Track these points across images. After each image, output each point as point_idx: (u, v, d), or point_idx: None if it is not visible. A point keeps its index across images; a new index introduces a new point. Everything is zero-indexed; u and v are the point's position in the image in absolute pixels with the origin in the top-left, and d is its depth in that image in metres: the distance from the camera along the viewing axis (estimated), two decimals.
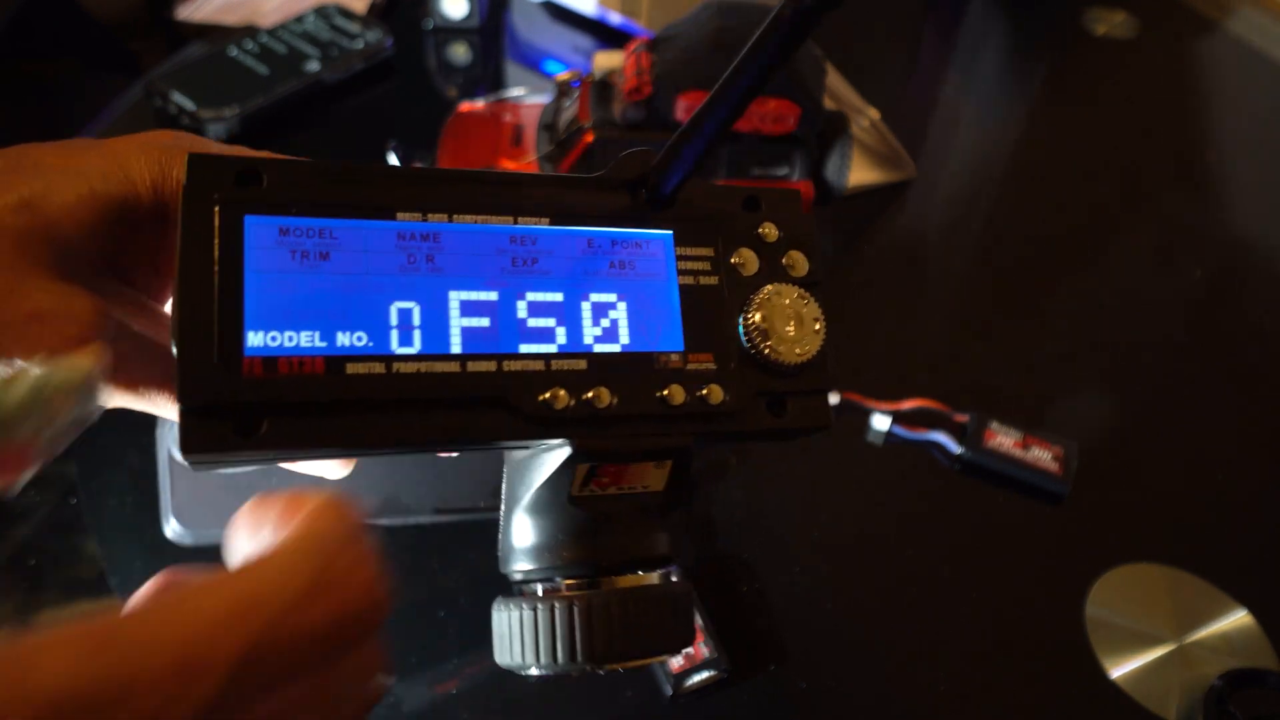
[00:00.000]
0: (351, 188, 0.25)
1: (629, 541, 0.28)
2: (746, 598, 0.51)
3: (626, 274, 0.27)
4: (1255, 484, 0.61)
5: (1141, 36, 0.99)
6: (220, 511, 0.49)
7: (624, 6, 0.87)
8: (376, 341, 0.24)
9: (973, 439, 0.57)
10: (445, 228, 0.25)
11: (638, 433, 0.26)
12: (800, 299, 0.28)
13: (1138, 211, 0.80)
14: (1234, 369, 0.68)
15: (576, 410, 0.25)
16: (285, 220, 0.24)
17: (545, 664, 0.26)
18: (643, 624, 0.26)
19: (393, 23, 0.85)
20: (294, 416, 0.23)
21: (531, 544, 0.27)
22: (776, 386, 0.28)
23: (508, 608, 0.27)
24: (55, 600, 0.49)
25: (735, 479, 0.57)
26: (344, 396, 0.23)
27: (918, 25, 1.02)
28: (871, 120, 0.80)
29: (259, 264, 0.23)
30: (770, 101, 0.54)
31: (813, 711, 0.48)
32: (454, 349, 0.25)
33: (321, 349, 0.23)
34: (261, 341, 0.23)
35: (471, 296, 0.25)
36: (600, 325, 0.26)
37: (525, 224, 0.26)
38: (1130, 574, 0.54)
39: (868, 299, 0.70)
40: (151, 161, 0.25)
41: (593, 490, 0.27)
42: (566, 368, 0.26)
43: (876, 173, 0.77)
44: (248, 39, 0.78)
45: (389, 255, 0.25)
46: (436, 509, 0.51)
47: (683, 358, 0.27)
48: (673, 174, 0.26)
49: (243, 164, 0.24)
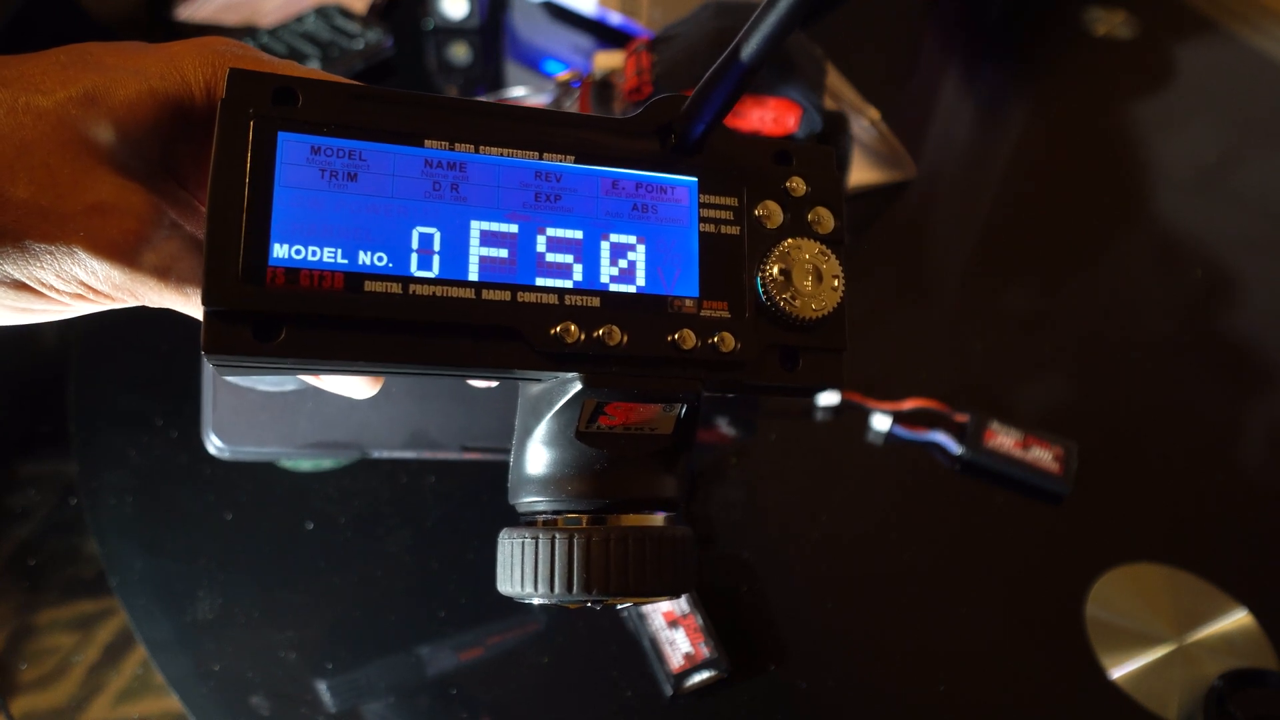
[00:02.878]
0: (384, 112, 0.25)
1: (634, 480, 0.28)
2: (746, 598, 0.51)
3: (648, 217, 0.27)
4: (1255, 484, 0.61)
5: (1141, 36, 0.99)
6: (258, 429, 0.51)
7: (624, 6, 0.87)
8: (396, 263, 0.25)
9: (973, 439, 0.57)
10: (471, 158, 0.26)
11: (646, 373, 0.27)
12: (821, 254, 0.28)
13: (1138, 211, 0.80)
14: (1234, 369, 0.68)
15: (587, 346, 0.26)
16: (317, 140, 0.25)
17: (544, 593, 0.27)
18: (642, 562, 0.27)
19: (393, 23, 0.85)
20: (311, 327, 0.24)
21: (539, 475, 0.28)
22: (790, 340, 0.28)
23: (513, 537, 0.28)
24: (55, 600, 0.49)
25: (735, 479, 0.57)
26: (360, 313, 0.24)
27: (918, 25, 1.02)
28: (871, 120, 0.80)
29: (289, 180, 0.24)
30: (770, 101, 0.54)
31: (813, 711, 0.48)
32: (471, 276, 0.25)
33: (343, 265, 0.24)
34: (286, 254, 0.24)
35: (492, 227, 0.26)
36: (618, 265, 0.27)
37: (550, 160, 0.27)
38: (1130, 574, 0.54)
39: (868, 299, 0.70)
40: (205, 65, 0.26)
41: (600, 427, 0.27)
42: (580, 304, 0.26)
43: (876, 173, 0.77)
44: (248, 39, 0.78)
45: (415, 181, 0.25)
46: (464, 446, 0.52)
47: (697, 304, 0.27)
48: (699, 119, 0.27)
49: (281, 82, 0.25)
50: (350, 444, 0.52)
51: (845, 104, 0.81)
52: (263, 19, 0.84)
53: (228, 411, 0.51)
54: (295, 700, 0.46)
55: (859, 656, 0.51)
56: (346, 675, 0.47)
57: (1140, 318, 0.71)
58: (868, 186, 0.76)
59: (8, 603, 0.48)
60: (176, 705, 0.45)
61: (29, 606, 0.48)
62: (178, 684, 0.46)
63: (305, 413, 0.52)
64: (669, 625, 0.48)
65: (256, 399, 0.51)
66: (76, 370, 0.57)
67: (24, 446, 0.55)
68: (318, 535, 0.51)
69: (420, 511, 0.53)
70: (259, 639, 0.48)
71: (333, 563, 0.51)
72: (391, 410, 0.52)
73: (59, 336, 0.60)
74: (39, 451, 0.55)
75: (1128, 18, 1.00)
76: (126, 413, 0.56)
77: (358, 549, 0.51)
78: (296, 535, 0.51)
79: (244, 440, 0.51)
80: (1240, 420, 0.65)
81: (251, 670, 0.47)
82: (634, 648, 0.48)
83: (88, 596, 0.49)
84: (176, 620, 0.48)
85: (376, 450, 0.52)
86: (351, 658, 0.48)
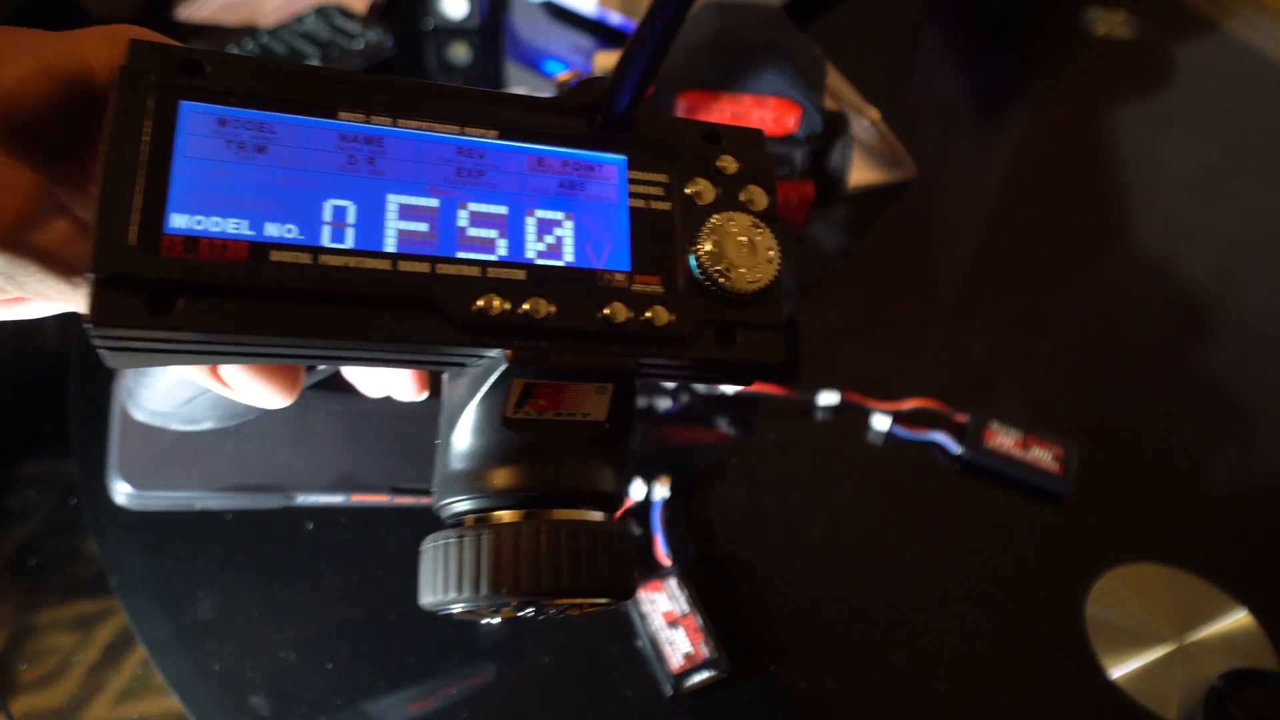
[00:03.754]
0: (296, 85, 0.25)
1: (567, 471, 0.26)
2: (746, 598, 0.51)
3: (575, 194, 0.27)
4: (1256, 484, 0.61)
5: (1141, 36, 0.99)
6: (170, 473, 0.48)
7: (624, 6, 0.87)
8: (307, 234, 0.24)
9: (973, 439, 0.57)
10: (389, 132, 0.25)
11: (577, 347, 0.25)
12: (754, 227, 0.27)
13: (1138, 211, 0.80)
14: (1234, 369, 0.68)
15: (511, 318, 0.24)
16: (224, 110, 0.24)
17: (467, 596, 0.25)
18: (576, 558, 0.25)
19: (393, 23, 0.85)
20: (211, 298, 0.22)
21: (463, 470, 0.26)
22: (726, 316, 0.27)
23: (435, 541, 0.26)
24: (55, 600, 0.49)
25: (735, 479, 0.57)
26: (265, 283, 0.23)
27: (918, 25, 1.02)
28: (871, 120, 0.80)
29: (191, 150, 0.23)
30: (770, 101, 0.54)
31: (813, 711, 0.48)
32: (387, 248, 0.24)
33: (248, 235, 0.23)
34: (185, 224, 0.23)
35: (411, 201, 0.25)
36: (544, 241, 0.26)
37: (473, 135, 0.26)
38: (1130, 574, 0.54)
39: (868, 299, 0.70)
40: (110, 45, 0.25)
41: (529, 413, 0.26)
42: (504, 276, 0.25)
43: (876, 173, 0.77)
44: (248, 39, 0.78)
45: (329, 154, 0.24)
46: (394, 488, 0.50)
47: (629, 278, 0.26)
48: (622, 93, 0.26)
49: (186, 53, 0.24)
50: (273, 487, 0.49)
51: (845, 104, 0.81)
52: (263, 19, 0.84)
53: (136, 453, 0.48)
54: (295, 700, 0.46)
55: (859, 656, 0.51)
56: (346, 675, 0.47)
57: (1140, 318, 0.71)
58: (868, 186, 0.76)
59: (8, 603, 0.48)
60: (176, 705, 0.45)
61: (29, 606, 0.48)
62: (178, 684, 0.46)
63: (224, 454, 0.49)
64: (669, 625, 0.48)
65: (169, 439, 0.48)
66: (76, 370, 0.57)
67: (24, 446, 0.55)
68: (318, 535, 0.51)
69: (420, 511, 0.53)
70: (259, 639, 0.48)
71: (333, 563, 0.51)
72: (317, 451, 0.50)
73: (59, 336, 0.60)
74: (39, 451, 0.55)
75: (1128, 18, 1.00)
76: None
77: (358, 549, 0.51)
78: (296, 535, 0.51)
79: (154, 484, 0.48)
80: (1240, 420, 0.65)
81: (251, 670, 0.47)
82: (634, 648, 0.48)
83: (88, 596, 0.49)
84: (176, 620, 0.48)
85: (301, 494, 0.49)
86: (351, 658, 0.48)
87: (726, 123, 0.29)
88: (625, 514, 0.53)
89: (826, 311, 0.67)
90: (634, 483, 0.53)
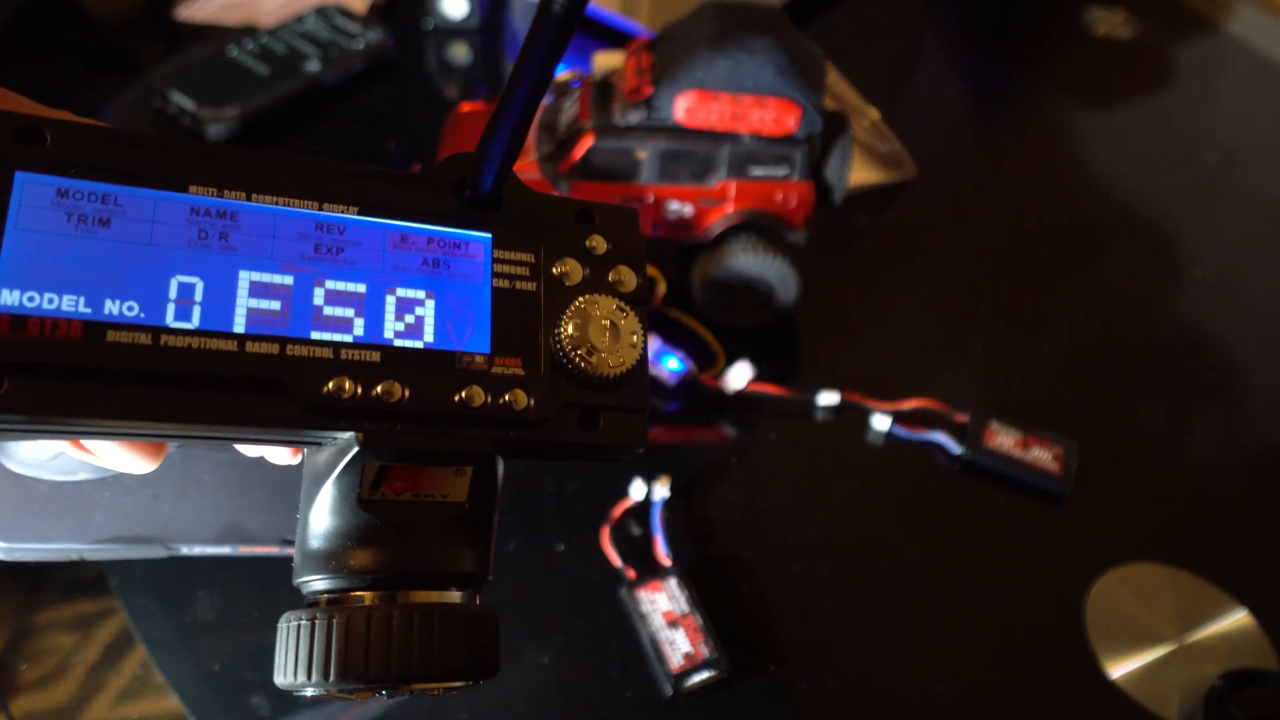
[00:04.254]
0: (144, 156, 0.24)
1: (424, 553, 0.26)
2: (746, 598, 0.51)
3: (439, 272, 0.26)
4: (1255, 484, 0.61)
5: (1141, 36, 0.99)
6: (43, 524, 0.46)
7: (624, 6, 0.87)
8: (149, 313, 0.23)
9: (973, 439, 0.57)
10: (244, 206, 0.24)
11: (430, 431, 0.25)
12: (619, 310, 0.27)
13: (1137, 211, 0.80)
14: (1234, 369, 0.68)
15: (363, 402, 0.24)
16: (64, 181, 0.23)
17: (318, 682, 0.24)
18: (429, 642, 0.24)
19: (393, 23, 0.85)
20: (40, 379, 0.21)
21: (319, 550, 0.26)
22: (590, 400, 0.27)
23: (289, 621, 0.25)
24: (55, 600, 0.49)
25: (735, 479, 0.57)
26: (100, 364, 0.22)
27: (918, 25, 1.02)
28: (871, 120, 0.80)
29: (26, 223, 0.22)
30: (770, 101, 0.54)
31: (813, 711, 0.48)
32: (236, 328, 0.23)
33: (84, 314, 0.22)
34: (16, 300, 0.22)
35: (264, 278, 0.24)
36: (404, 321, 0.25)
37: (332, 211, 0.25)
38: (1130, 574, 0.54)
39: (868, 299, 0.70)
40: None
41: (385, 494, 0.25)
42: (358, 358, 0.24)
43: (876, 173, 0.77)
44: (248, 39, 0.78)
45: (179, 228, 0.23)
46: (284, 540, 0.48)
47: (488, 360, 0.26)
48: (486, 171, 0.26)
49: (25, 120, 0.23)
50: (154, 538, 0.47)
51: (845, 104, 0.81)
52: (263, 19, 0.84)
53: (7, 505, 0.46)
54: (295, 700, 0.46)
55: (859, 656, 0.51)
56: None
57: (1140, 318, 0.71)
58: (868, 186, 0.76)
59: (8, 603, 0.48)
60: (176, 705, 0.45)
61: (29, 606, 0.48)
62: (178, 684, 0.46)
63: (101, 504, 0.47)
64: (669, 625, 0.48)
65: (43, 489, 0.46)
66: None
67: None
68: None
69: None
70: (259, 639, 0.48)
71: None
72: (201, 501, 0.47)
73: None
74: None
75: (1128, 18, 1.00)
76: None
77: None
78: None
79: (26, 537, 0.46)
80: (1240, 420, 0.65)
81: (251, 670, 0.47)
82: (634, 648, 0.48)
83: (88, 596, 0.49)
84: (176, 620, 0.48)
85: (185, 546, 0.47)
86: None
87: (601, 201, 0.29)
88: (625, 514, 0.53)
89: (826, 311, 0.67)
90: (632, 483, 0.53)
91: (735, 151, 0.56)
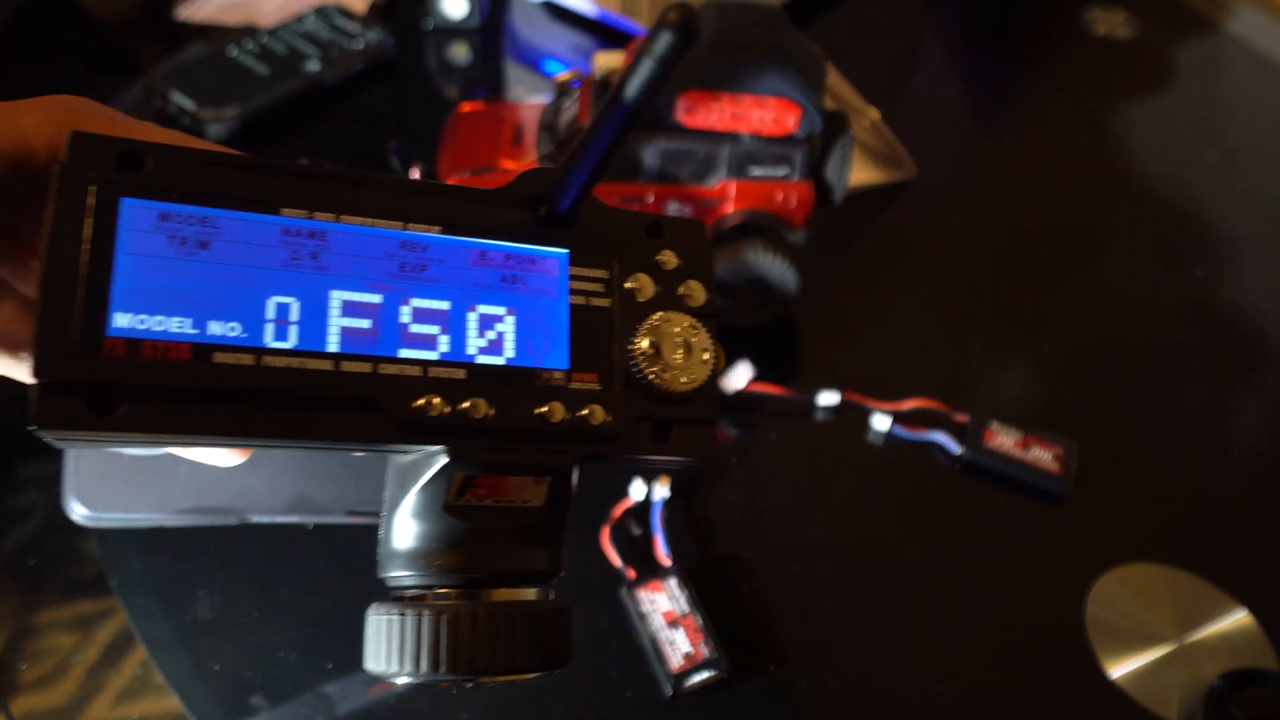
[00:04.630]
0: (239, 178, 0.25)
1: (504, 555, 0.27)
2: (746, 598, 0.51)
3: (517, 289, 0.27)
4: (1255, 484, 0.61)
5: (1141, 36, 0.99)
6: (126, 495, 0.48)
7: (624, 6, 0.87)
8: (250, 333, 0.24)
9: (973, 439, 0.57)
10: (333, 227, 0.25)
11: (513, 446, 0.26)
12: (691, 328, 0.28)
13: (1138, 211, 0.80)
14: (1234, 369, 0.68)
15: (451, 419, 0.25)
16: (165, 205, 0.24)
17: (410, 672, 0.26)
18: (511, 639, 0.26)
19: (393, 23, 0.85)
20: (154, 400, 0.23)
21: (407, 549, 0.27)
22: (661, 413, 0.28)
23: (379, 613, 0.27)
24: (55, 600, 0.49)
25: (735, 479, 0.57)
26: (208, 385, 0.23)
27: (918, 25, 1.02)
28: (871, 120, 0.80)
29: (133, 247, 0.23)
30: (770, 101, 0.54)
31: (813, 711, 0.48)
32: (330, 348, 0.24)
33: (191, 336, 0.23)
34: (128, 324, 0.22)
35: (354, 297, 0.25)
36: (485, 337, 0.26)
37: (416, 230, 0.26)
38: (1130, 574, 0.54)
39: (868, 299, 0.70)
40: (49, 122, 0.25)
41: (469, 500, 0.26)
42: (445, 375, 0.25)
43: (876, 173, 0.77)
44: (248, 39, 0.78)
45: (272, 250, 0.24)
46: (349, 511, 0.50)
47: (566, 376, 0.27)
48: (568, 191, 0.26)
49: (126, 146, 0.24)
50: (228, 509, 0.49)
51: (845, 104, 0.81)
52: (263, 19, 0.84)
53: (92, 476, 0.49)
54: (295, 700, 0.46)
55: (859, 656, 0.51)
56: (347, 675, 0.47)
57: (1140, 318, 0.71)
58: (868, 186, 0.76)
59: (8, 603, 0.48)
60: (176, 705, 0.45)
61: (29, 606, 0.48)
62: (178, 684, 0.46)
63: (178, 477, 0.49)
64: (669, 625, 0.48)
65: (125, 462, 0.49)
66: None
67: (24, 446, 0.55)
68: (318, 535, 0.51)
69: None
70: (259, 639, 0.48)
71: (332, 563, 0.51)
72: (273, 474, 0.50)
73: None
74: (39, 451, 0.54)
75: (1128, 18, 1.00)
76: None
77: (358, 549, 0.51)
78: (296, 535, 0.51)
79: (110, 507, 0.48)
80: (1240, 420, 0.65)
81: (251, 670, 0.47)
82: (634, 648, 0.48)
83: (88, 596, 0.49)
84: (176, 620, 0.48)
85: (256, 515, 0.50)
86: (352, 658, 0.48)
87: (668, 215, 0.30)
88: (625, 514, 0.53)
89: (826, 311, 0.67)
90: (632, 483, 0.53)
91: (735, 151, 0.56)
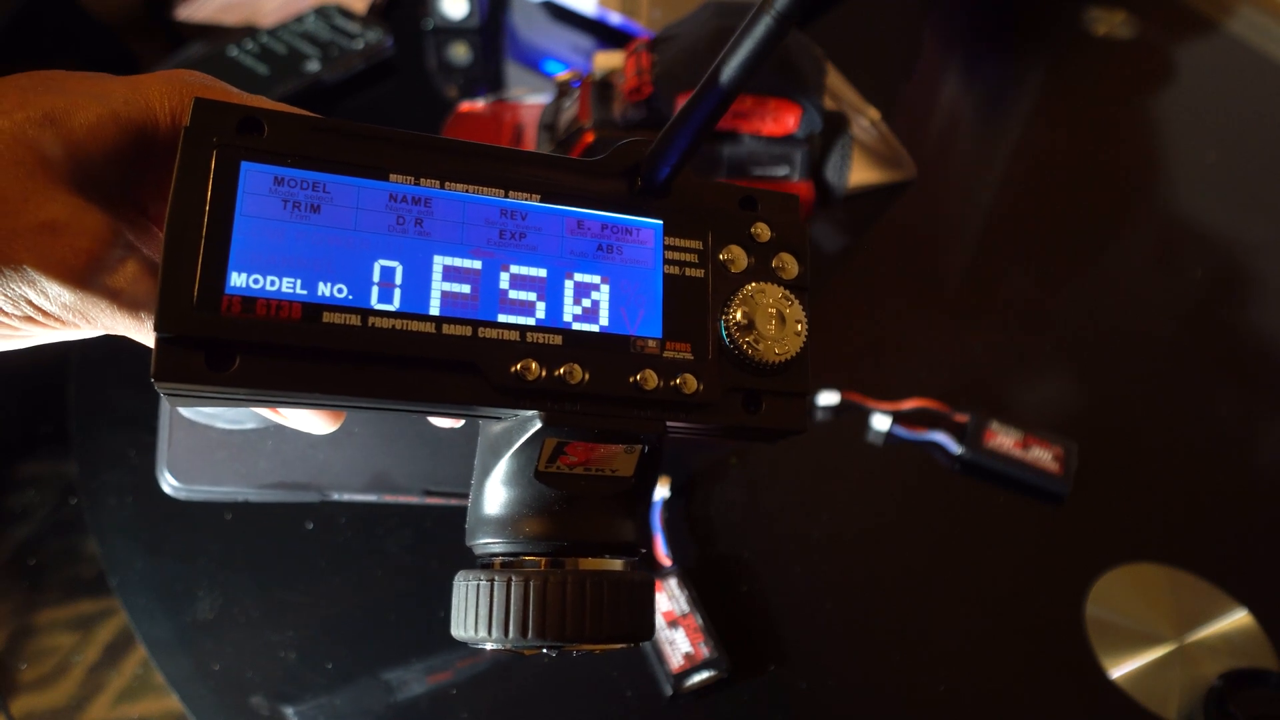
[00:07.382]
0: (349, 145, 0.25)
1: (593, 523, 0.27)
2: (746, 598, 0.51)
3: (613, 258, 0.27)
4: (1256, 484, 0.61)
5: (1141, 36, 0.99)
6: (215, 469, 0.49)
7: (624, 6, 0.87)
8: (356, 295, 0.24)
9: (973, 439, 0.57)
10: (436, 194, 0.26)
11: (607, 413, 0.26)
12: (785, 299, 0.28)
13: (1138, 211, 0.80)
14: (1234, 369, 0.68)
15: (547, 383, 0.26)
16: (281, 170, 0.24)
17: (498, 638, 0.26)
18: (599, 608, 0.26)
19: (393, 23, 0.85)
20: (266, 357, 0.23)
21: (496, 516, 0.27)
22: (753, 384, 0.28)
23: (467, 579, 0.27)
24: (55, 600, 0.49)
25: (735, 479, 0.57)
26: (317, 344, 0.24)
27: (918, 25, 1.02)
28: (871, 120, 0.80)
29: (250, 209, 0.24)
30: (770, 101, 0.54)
31: (813, 711, 0.48)
32: (432, 310, 0.25)
33: (301, 296, 0.24)
34: (244, 282, 0.23)
35: (455, 262, 0.26)
36: (581, 305, 0.27)
37: (516, 198, 0.27)
38: (1130, 574, 0.54)
39: (868, 299, 0.70)
40: (172, 93, 0.26)
41: (560, 468, 0.27)
42: (542, 341, 0.26)
43: (876, 173, 0.77)
44: (248, 39, 0.78)
45: (379, 214, 0.25)
46: (426, 490, 0.51)
47: (660, 345, 0.27)
48: (664, 163, 0.27)
49: (246, 112, 0.24)
50: (310, 485, 0.50)
51: (845, 104, 0.81)
52: (263, 19, 0.84)
53: (184, 449, 0.50)
54: (295, 700, 0.46)
55: (859, 656, 0.51)
56: (346, 675, 0.47)
57: (1140, 318, 0.71)
58: (868, 186, 0.76)
59: (8, 603, 0.48)
60: (176, 705, 0.45)
61: (29, 606, 0.48)
62: (178, 684, 0.46)
63: (265, 452, 0.50)
64: (669, 625, 0.48)
65: (214, 436, 0.50)
66: (76, 370, 0.57)
67: (24, 446, 0.55)
68: (318, 535, 0.51)
69: (421, 511, 0.53)
70: (259, 639, 0.48)
71: (333, 563, 0.51)
72: (353, 451, 0.51)
73: None
74: (39, 451, 0.55)
75: (1128, 18, 1.00)
76: (126, 413, 0.56)
77: (358, 549, 0.51)
78: (296, 535, 0.51)
79: (200, 479, 0.49)
80: (1240, 420, 0.65)
81: (251, 670, 0.47)
82: (634, 648, 0.48)
83: (88, 596, 0.49)
84: (176, 620, 0.48)
85: (336, 492, 0.50)
86: (351, 658, 0.48)
87: (763, 188, 0.30)
88: None
89: (827, 311, 0.67)
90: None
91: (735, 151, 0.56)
